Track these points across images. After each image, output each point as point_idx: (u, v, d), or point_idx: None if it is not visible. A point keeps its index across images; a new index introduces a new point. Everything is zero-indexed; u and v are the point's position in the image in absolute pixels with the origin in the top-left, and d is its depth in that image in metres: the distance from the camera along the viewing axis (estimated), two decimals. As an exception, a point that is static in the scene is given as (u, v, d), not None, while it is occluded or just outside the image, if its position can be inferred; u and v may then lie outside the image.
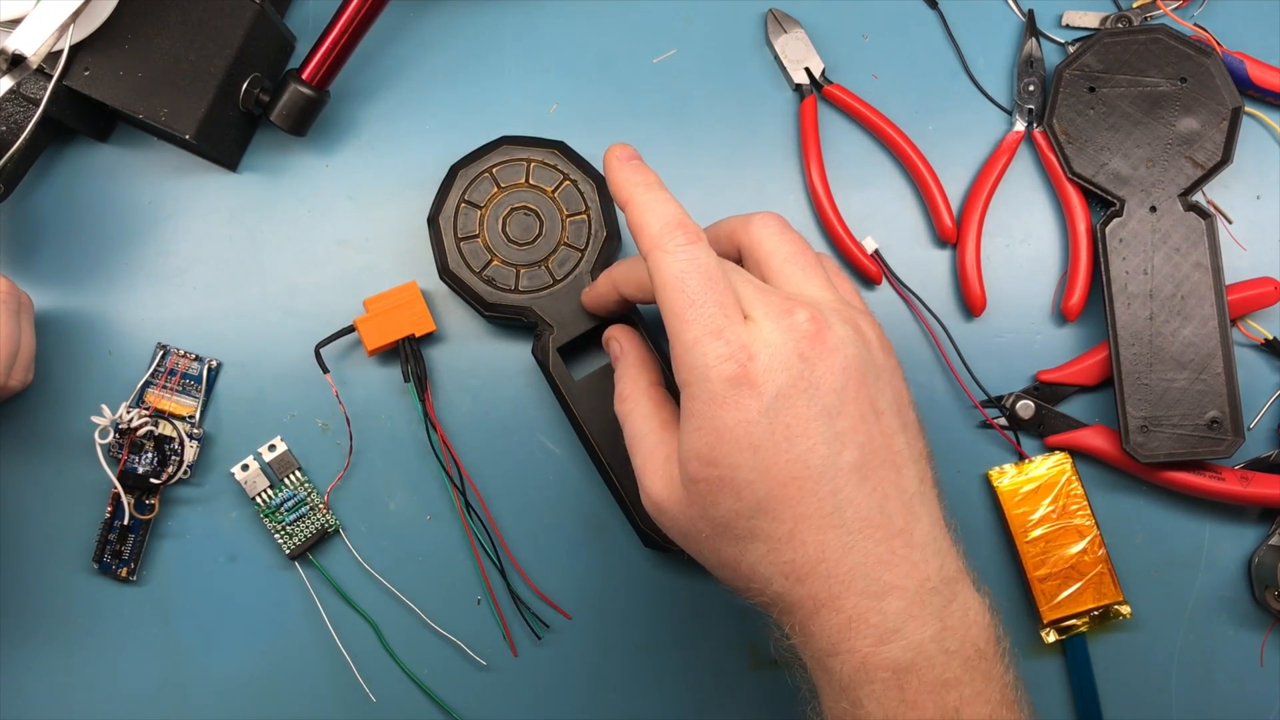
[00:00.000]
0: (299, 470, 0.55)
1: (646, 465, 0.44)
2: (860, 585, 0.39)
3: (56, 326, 0.56)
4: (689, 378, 0.40)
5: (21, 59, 0.48)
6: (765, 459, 0.39)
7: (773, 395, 0.39)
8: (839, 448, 0.39)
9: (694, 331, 0.40)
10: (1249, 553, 0.57)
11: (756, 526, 0.40)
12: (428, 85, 0.58)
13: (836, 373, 0.40)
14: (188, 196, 0.57)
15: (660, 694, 0.56)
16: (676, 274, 0.40)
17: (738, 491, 0.39)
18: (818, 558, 0.39)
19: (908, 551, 0.40)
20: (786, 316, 0.40)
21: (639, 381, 0.47)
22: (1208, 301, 0.55)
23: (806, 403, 0.39)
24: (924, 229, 0.58)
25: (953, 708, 0.39)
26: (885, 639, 0.39)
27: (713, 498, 0.40)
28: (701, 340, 0.39)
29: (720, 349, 0.39)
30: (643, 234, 0.42)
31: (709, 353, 0.39)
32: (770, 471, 0.39)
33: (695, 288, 0.40)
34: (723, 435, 0.39)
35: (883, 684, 0.39)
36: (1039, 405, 0.57)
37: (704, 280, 0.40)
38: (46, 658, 0.55)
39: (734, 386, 0.39)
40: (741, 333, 0.40)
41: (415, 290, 0.55)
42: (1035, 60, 0.58)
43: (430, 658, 0.55)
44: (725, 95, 0.59)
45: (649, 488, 0.43)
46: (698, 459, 0.40)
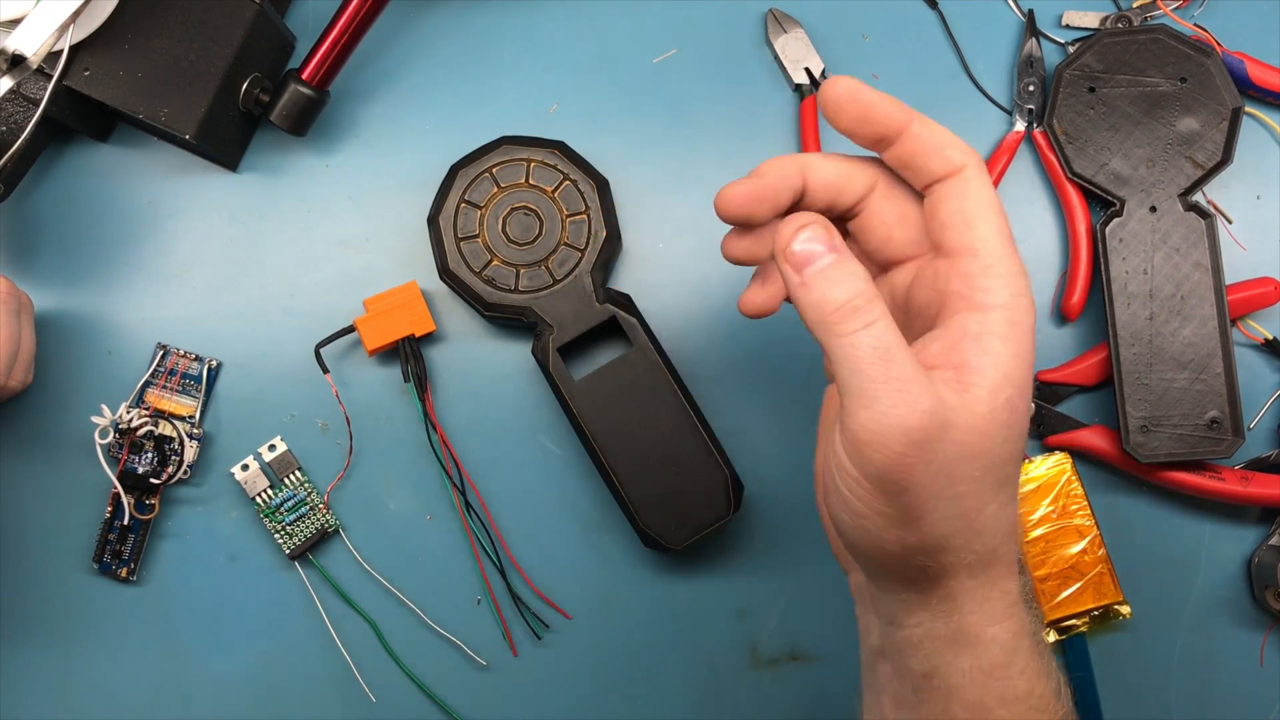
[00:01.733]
0: (299, 470, 0.56)
1: (910, 390, 0.33)
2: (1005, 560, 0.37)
3: (56, 326, 0.56)
4: (1007, 292, 0.35)
5: (21, 59, 0.48)
6: (1013, 435, 0.36)
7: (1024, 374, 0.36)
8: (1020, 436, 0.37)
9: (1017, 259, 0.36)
10: (1249, 553, 0.57)
11: (1009, 473, 0.36)
12: (428, 85, 0.58)
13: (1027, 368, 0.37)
14: (188, 196, 0.57)
15: (660, 694, 0.56)
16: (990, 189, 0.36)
17: (1023, 429, 0.36)
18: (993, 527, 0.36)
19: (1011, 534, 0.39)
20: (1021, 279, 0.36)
21: (870, 289, 0.35)
22: (1208, 301, 0.55)
23: (1021, 395, 0.36)
24: (924, 229, 0.58)
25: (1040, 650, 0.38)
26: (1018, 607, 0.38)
27: (1012, 431, 0.35)
28: (1020, 271, 0.36)
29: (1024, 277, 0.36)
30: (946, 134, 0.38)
31: (1019, 276, 0.36)
32: (1017, 445, 0.36)
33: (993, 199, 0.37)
34: (1023, 362, 0.35)
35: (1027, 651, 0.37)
36: (1039, 405, 0.57)
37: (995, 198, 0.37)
38: (46, 658, 0.55)
39: (1031, 317, 0.36)
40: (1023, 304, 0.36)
41: (415, 290, 0.55)
42: (1035, 60, 0.58)
43: (430, 658, 0.55)
44: (725, 95, 0.58)
45: (924, 408, 0.33)
46: (1015, 387, 0.35)
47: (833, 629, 0.56)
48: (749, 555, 0.56)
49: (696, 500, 0.53)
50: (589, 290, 0.54)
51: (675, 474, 0.53)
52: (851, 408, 0.34)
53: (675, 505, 0.53)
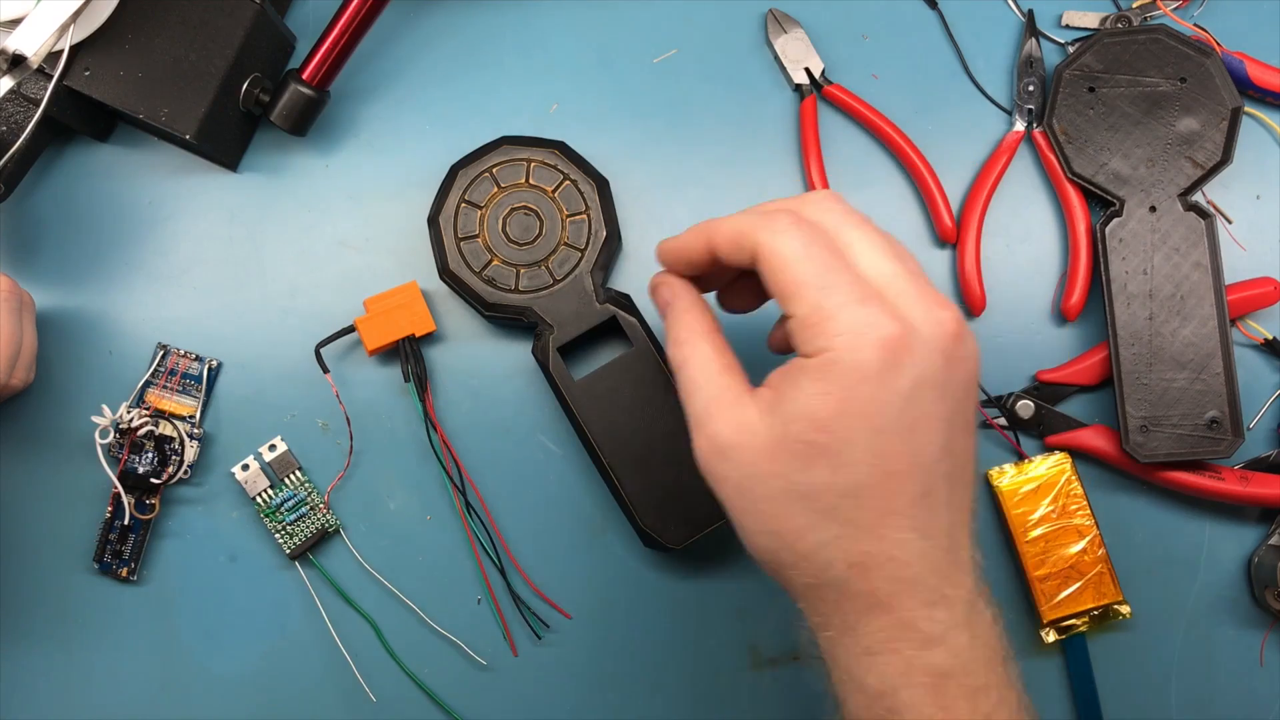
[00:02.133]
0: (299, 470, 0.56)
1: (712, 408, 0.40)
2: (920, 593, 0.38)
3: (57, 326, 0.56)
4: (831, 343, 0.37)
5: (22, 59, 0.48)
6: (884, 444, 0.37)
7: (914, 381, 0.37)
8: (945, 454, 0.39)
9: (838, 297, 0.38)
10: (1249, 553, 0.57)
11: (843, 507, 0.38)
12: (428, 85, 0.58)
13: (963, 382, 0.39)
14: (188, 196, 0.57)
15: (660, 694, 0.56)
16: (798, 247, 0.39)
17: (839, 466, 0.38)
18: (890, 556, 0.38)
19: (957, 566, 0.39)
20: (936, 309, 0.38)
21: (695, 326, 0.43)
22: (1207, 301, 0.55)
23: (936, 401, 0.38)
24: (924, 229, 0.58)
25: (984, 714, 0.39)
26: (929, 645, 0.38)
27: (809, 463, 0.38)
28: (850, 305, 0.37)
29: (870, 316, 0.37)
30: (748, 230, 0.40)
31: (859, 318, 0.37)
32: (883, 458, 0.38)
33: (824, 259, 0.38)
34: (851, 407, 0.37)
35: (922, 688, 0.38)
36: (1039, 405, 0.57)
37: (828, 254, 0.39)
38: (46, 657, 0.55)
39: (885, 361, 0.37)
40: (890, 306, 0.38)
41: (415, 290, 0.55)
42: (1035, 60, 0.58)
43: (430, 658, 0.55)
44: (725, 95, 0.59)
45: (715, 431, 0.40)
46: (811, 420, 0.38)
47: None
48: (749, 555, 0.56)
49: (696, 500, 0.53)
50: (589, 290, 0.54)
51: (675, 474, 0.53)
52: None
53: (675, 505, 0.53)
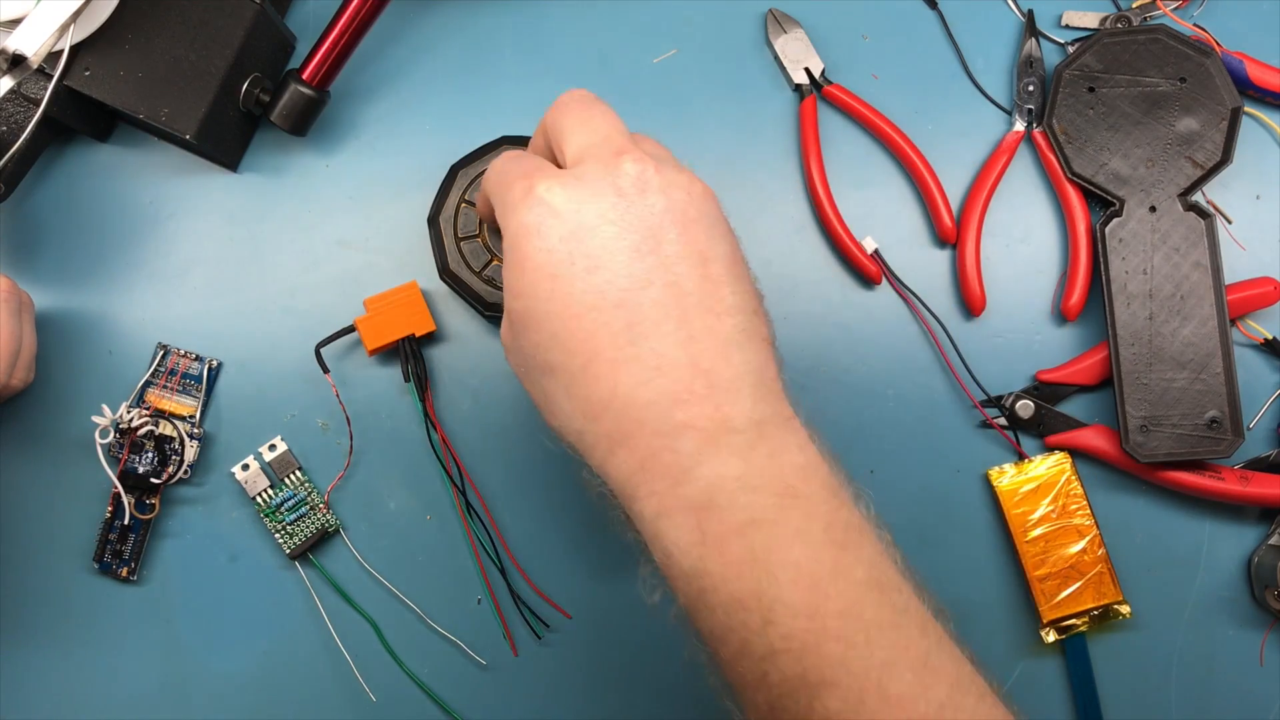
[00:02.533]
0: (299, 470, 0.56)
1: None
2: (653, 424, 0.38)
3: (57, 326, 0.56)
4: (503, 222, 0.41)
5: (22, 59, 0.48)
6: (562, 287, 0.38)
7: (578, 224, 0.39)
8: (643, 283, 0.38)
9: (506, 185, 0.41)
10: (1249, 552, 0.57)
11: (554, 360, 0.39)
12: (428, 86, 0.58)
13: (658, 213, 0.39)
14: (188, 196, 0.57)
15: (660, 694, 0.56)
16: (494, 169, 0.43)
17: (537, 322, 0.39)
18: (610, 394, 0.38)
19: (709, 392, 0.38)
20: (614, 159, 0.40)
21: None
22: (1207, 301, 0.55)
23: (614, 235, 0.39)
24: (924, 229, 0.58)
25: (763, 547, 0.36)
26: (680, 480, 0.37)
27: (522, 330, 0.40)
28: (513, 185, 0.40)
29: (526, 185, 0.40)
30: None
31: (518, 191, 0.40)
32: (566, 300, 0.38)
33: (509, 167, 0.42)
34: (527, 265, 0.39)
35: (683, 526, 0.37)
36: (1039, 405, 0.57)
37: (515, 162, 0.42)
38: (46, 658, 0.55)
39: (541, 214, 0.39)
40: (549, 170, 0.40)
41: (415, 290, 0.55)
42: (1035, 60, 0.58)
43: (430, 658, 0.55)
44: (725, 95, 0.59)
45: (502, 332, 0.43)
46: (510, 292, 0.40)
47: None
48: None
49: None
50: (589, 290, 0.54)
51: None
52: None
53: None
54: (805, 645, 0.35)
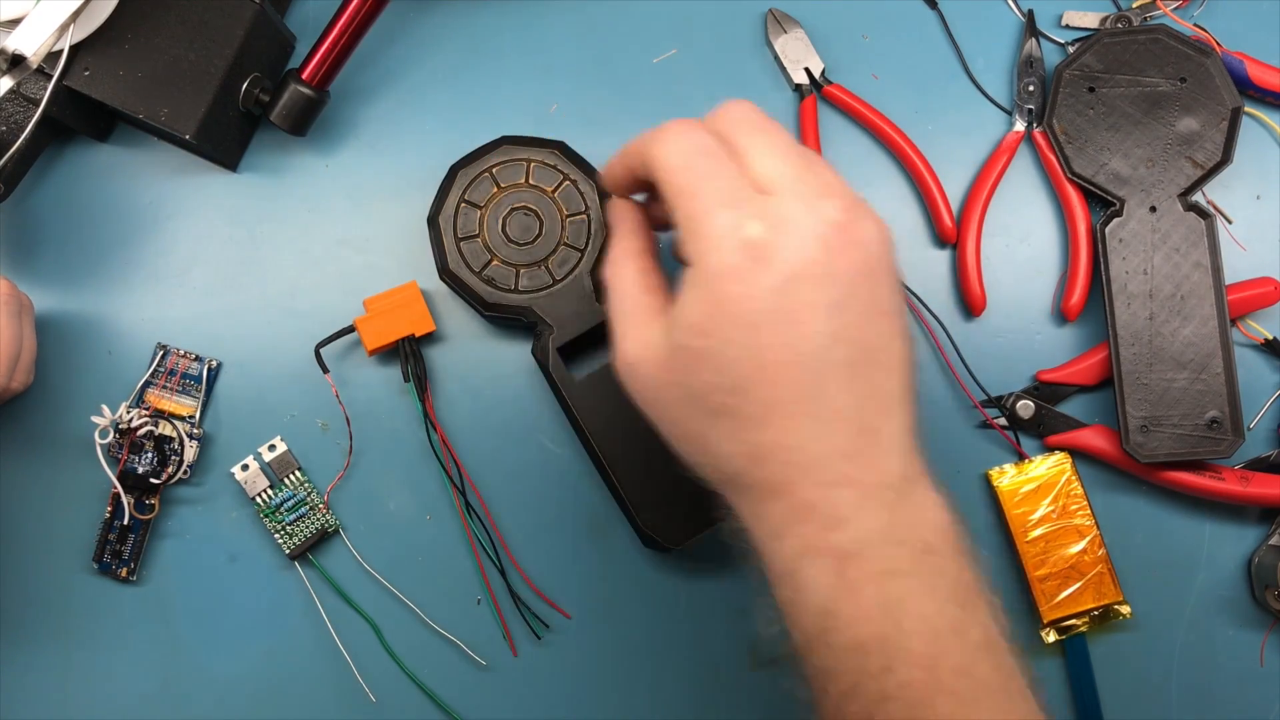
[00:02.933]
0: (299, 470, 0.56)
1: (625, 324, 0.43)
2: (817, 476, 0.39)
3: (56, 327, 0.56)
4: (698, 249, 0.39)
5: (21, 59, 0.48)
6: (759, 338, 0.38)
7: (786, 275, 0.38)
8: (834, 340, 0.39)
9: (704, 203, 0.39)
10: (1249, 553, 0.57)
11: (729, 403, 0.39)
12: (428, 85, 0.58)
13: (853, 268, 0.39)
14: (188, 196, 0.57)
15: (660, 694, 0.56)
16: (678, 155, 0.40)
17: (721, 367, 0.39)
18: (781, 443, 0.39)
19: (872, 450, 0.39)
20: (817, 201, 0.39)
21: (629, 247, 0.45)
22: (1208, 301, 0.55)
23: (816, 289, 0.38)
24: (924, 229, 0.58)
25: (896, 597, 0.38)
26: (832, 527, 0.38)
27: (695, 367, 0.39)
28: (714, 211, 0.39)
29: (734, 218, 0.38)
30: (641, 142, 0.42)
31: (722, 222, 0.38)
32: (760, 351, 0.38)
33: (702, 163, 0.40)
34: (723, 308, 0.38)
35: (823, 568, 0.38)
36: (1039, 405, 0.57)
37: (708, 156, 0.40)
38: (46, 658, 0.55)
39: (748, 259, 0.38)
40: (762, 205, 0.39)
41: (415, 290, 0.55)
42: (1035, 60, 0.58)
43: (430, 658, 0.55)
44: (725, 95, 0.57)
45: (624, 348, 0.42)
46: (690, 328, 0.39)
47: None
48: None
49: (696, 500, 0.53)
50: (589, 290, 0.54)
51: (675, 474, 0.53)
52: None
53: (675, 505, 0.53)
54: (919, 697, 0.37)
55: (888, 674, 0.37)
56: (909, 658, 0.37)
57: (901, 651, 0.37)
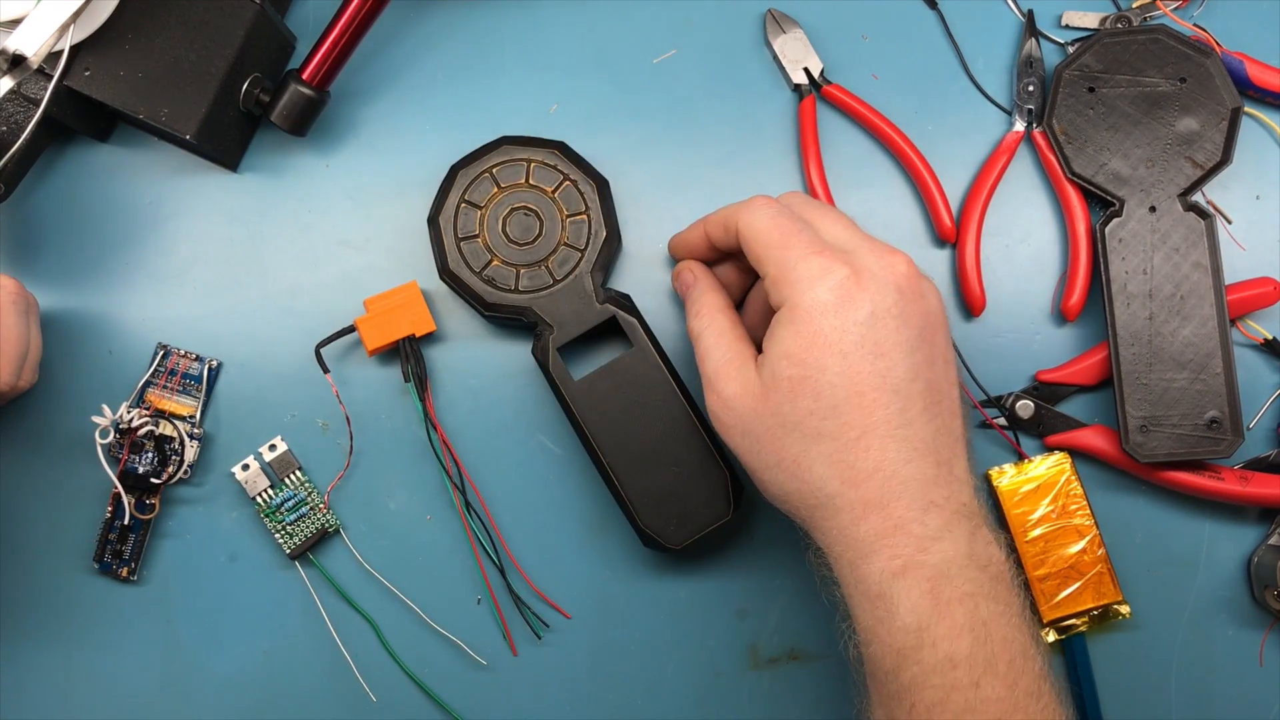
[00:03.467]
0: (299, 470, 0.56)
1: (721, 369, 0.47)
2: (909, 497, 0.43)
3: (57, 326, 0.56)
4: (793, 290, 0.44)
5: (22, 59, 0.48)
6: (852, 366, 0.43)
7: (870, 312, 0.43)
8: (913, 377, 0.44)
9: (797, 251, 0.44)
10: (1248, 552, 0.57)
11: (827, 428, 0.43)
12: (428, 85, 0.58)
13: (921, 315, 0.45)
14: (188, 197, 0.57)
15: (660, 694, 0.56)
16: (766, 219, 0.46)
17: (818, 391, 0.43)
18: (877, 465, 0.43)
19: (950, 481, 0.44)
20: (887, 255, 0.45)
21: (714, 301, 0.50)
22: (1207, 301, 0.55)
23: (896, 329, 0.44)
24: (923, 229, 0.58)
25: (981, 620, 0.42)
26: (925, 548, 0.42)
27: (794, 394, 0.44)
28: (807, 257, 0.44)
29: (824, 263, 0.44)
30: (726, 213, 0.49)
31: (815, 265, 0.44)
32: (853, 378, 0.43)
33: (787, 225, 0.46)
34: (818, 339, 0.43)
35: (918, 590, 0.42)
36: (1038, 405, 0.57)
37: (792, 219, 0.46)
38: (46, 657, 0.55)
39: (838, 297, 0.43)
40: (845, 256, 0.44)
41: (415, 290, 0.55)
42: (1035, 60, 0.58)
43: (430, 657, 0.55)
44: (725, 95, 0.59)
45: (722, 389, 0.46)
46: (788, 358, 0.44)
47: (833, 629, 0.56)
48: (749, 555, 0.56)
49: (697, 500, 0.53)
50: (589, 290, 0.54)
51: (675, 474, 0.53)
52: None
53: (675, 505, 0.53)
54: (1001, 712, 0.41)
55: (976, 689, 0.41)
56: (995, 675, 0.41)
57: (990, 668, 0.41)
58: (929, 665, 0.41)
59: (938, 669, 0.41)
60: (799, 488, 0.44)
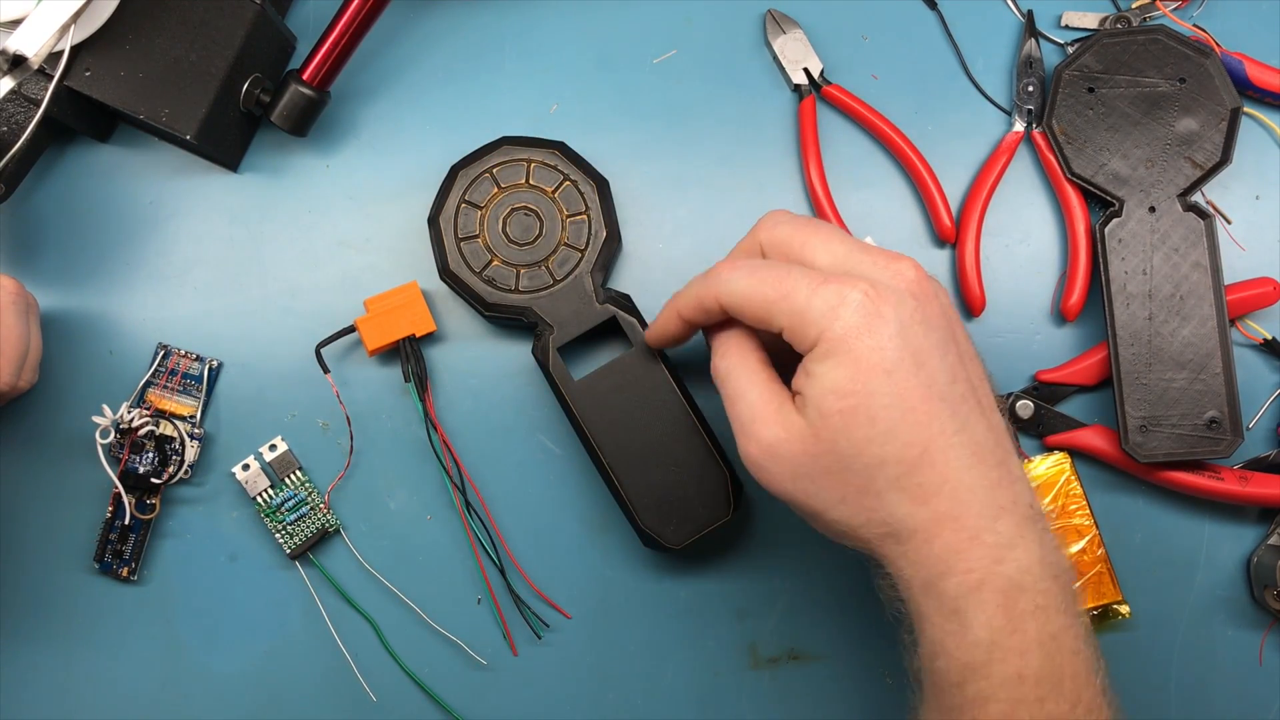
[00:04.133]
0: (299, 470, 0.56)
1: (757, 414, 0.44)
2: (978, 506, 0.41)
3: (58, 326, 0.56)
4: (817, 327, 0.41)
5: (22, 59, 0.48)
6: (898, 382, 0.41)
7: (899, 322, 0.41)
8: (953, 379, 0.42)
9: (801, 295, 0.42)
10: (1248, 552, 0.57)
11: (888, 452, 0.41)
12: (428, 85, 0.58)
13: (941, 316, 0.43)
14: (188, 197, 0.57)
15: (660, 694, 0.56)
16: (746, 281, 0.43)
17: (873, 417, 0.41)
18: (944, 477, 0.41)
19: (1011, 481, 0.42)
20: (892, 263, 0.43)
21: (739, 341, 0.47)
22: (1207, 301, 0.55)
23: (925, 334, 0.42)
24: (923, 229, 0.58)
25: (1051, 633, 0.41)
26: (1000, 558, 0.41)
27: (846, 427, 0.41)
28: (816, 292, 0.42)
29: (836, 290, 0.41)
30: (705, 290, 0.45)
31: (829, 295, 0.41)
32: (903, 394, 0.41)
33: (773, 275, 0.43)
34: (860, 363, 0.41)
35: (993, 604, 0.40)
36: (1038, 405, 0.57)
37: (773, 270, 0.43)
38: (47, 657, 0.55)
39: (864, 317, 0.41)
40: (850, 279, 0.42)
41: (416, 290, 0.55)
42: (1034, 61, 0.58)
43: (430, 657, 0.55)
44: (725, 95, 0.59)
45: (762, 434, 0.44)
46: (834, 392, 0.41)
47: (833, 629, 0.56)
48: (749, 555, 0.56)
49: (697, 500, 0.53)
50: (589, 290, 0.54)
51: (675, 474, 0.53)
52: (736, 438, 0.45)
53: (675, 505, 0.53)
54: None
55: (1041, 704, 0.41)
56: (1060, 691, 0.41)
57: (1056, 684, 0.41)
58: (997, 680, 0.40)
59: (1005, 684, 0.40)
60: (869, 518, 0.42)
